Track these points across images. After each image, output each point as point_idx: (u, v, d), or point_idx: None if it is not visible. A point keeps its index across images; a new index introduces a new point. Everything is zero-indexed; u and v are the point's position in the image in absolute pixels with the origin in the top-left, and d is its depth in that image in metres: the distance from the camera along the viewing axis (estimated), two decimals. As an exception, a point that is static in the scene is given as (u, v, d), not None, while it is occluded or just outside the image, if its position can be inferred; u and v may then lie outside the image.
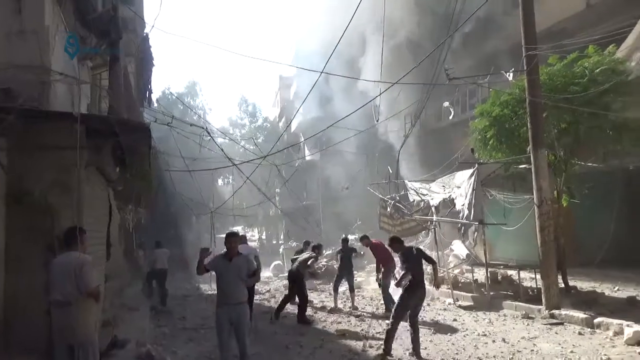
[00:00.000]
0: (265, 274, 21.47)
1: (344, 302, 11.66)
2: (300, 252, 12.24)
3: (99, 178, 7.34)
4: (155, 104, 20.94)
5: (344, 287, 11.62)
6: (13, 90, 5.57)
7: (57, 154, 5.50)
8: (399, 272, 7.02)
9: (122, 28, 8.62)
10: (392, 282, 8.96)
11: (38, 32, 5.88)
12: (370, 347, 7.45)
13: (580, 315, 8.13)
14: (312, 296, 12.20)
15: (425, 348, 7.17)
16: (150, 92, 19.86)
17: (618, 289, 10.62)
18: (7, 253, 5.29)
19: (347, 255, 11.43)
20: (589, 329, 7.72)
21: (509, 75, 10.93)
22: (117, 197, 11.12)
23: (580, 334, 7.55)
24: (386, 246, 8.75)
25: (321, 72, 10.85)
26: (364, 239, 11.44)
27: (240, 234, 7.41)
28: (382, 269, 10.31)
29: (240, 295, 5.81)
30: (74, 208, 5.53)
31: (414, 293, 6.63)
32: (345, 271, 11.31)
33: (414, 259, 6.75)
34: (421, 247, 9.96)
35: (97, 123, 6.08)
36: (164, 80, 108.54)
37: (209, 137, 13.20)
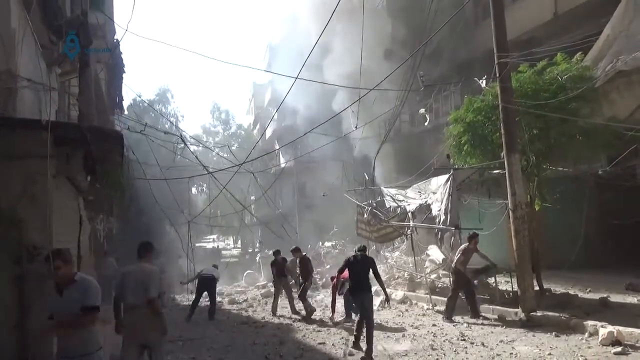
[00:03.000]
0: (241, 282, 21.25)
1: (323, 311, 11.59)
2: (276, 262, 12.05)
3: (68, 187, 7.09)
4: (126, 112, 20.55)
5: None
6: (-23, 96, 5.34)
7: (25, 163, 5.27)
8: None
9: (92, 33, 8.39)
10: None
11: (3, 37, 5.65)
12: (351, 354, 7.39)
13: (556, 317, 8.26)
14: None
15: (406, 354, 7.16)
16: (121, 99, 19.46)
17: (590, 291, 10.88)
18: (-29, 267, 5.03)
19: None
20: (565, 331, 7.84)
21: (481, 82, 11.16)
22: (88, 206, 10.79)
23: (556, 336, 7.66)
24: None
25: (296, 78, 10.79)
26: (295, 252, 11.87)
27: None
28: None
29: (86, 343, 4.10)
30: (43, 219, 5.31)
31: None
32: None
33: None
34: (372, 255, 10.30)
35: (67, 131, 5.87)
36: (136, 87, 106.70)
37: (183, 145, 12.98)
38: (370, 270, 7.56)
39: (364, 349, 7.12)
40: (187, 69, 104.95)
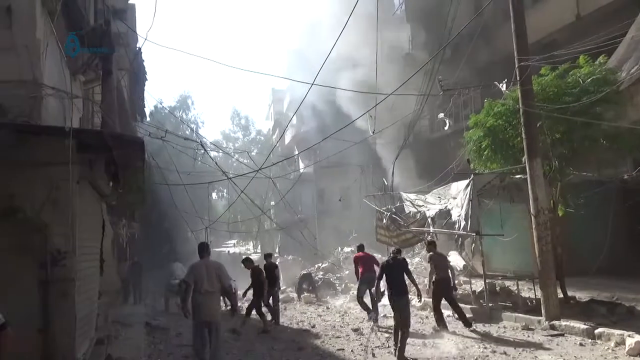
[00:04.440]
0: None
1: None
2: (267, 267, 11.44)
3: (91, 193, 7.24)
4: (148, 118, 20.93)
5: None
6: (3, 105, 5.50)
7: (49, 169, 5.41)
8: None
9: (114, 42, 8.58)
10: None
11: (29, 47, 5.81)
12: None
13: (581, 325, 8.06)
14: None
15: (426, 362, 7.09)
16: (143, 106, 19.79)
17: (616, 299, 10.57)
18: (-2, 271, 5.16)
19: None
20: (590, 340, 7.64)
21: (502, 86, 11.02)
22: (111, 211, 11.01)
23: (581, 345, 7.47)
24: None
25: (312, 84, 10.82)
26: (246, 262, 11.32)
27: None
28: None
29: None
30: (66, 224, 5.42)
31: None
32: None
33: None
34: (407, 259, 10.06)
35: (90, 137, 6.01)
36: (157, 94, 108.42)
37: (203, 151, 13.13)
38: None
39: (397, 346, 7.17)
40: (208, 75, 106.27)
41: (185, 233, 27.53)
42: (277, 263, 12.27)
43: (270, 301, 11.13)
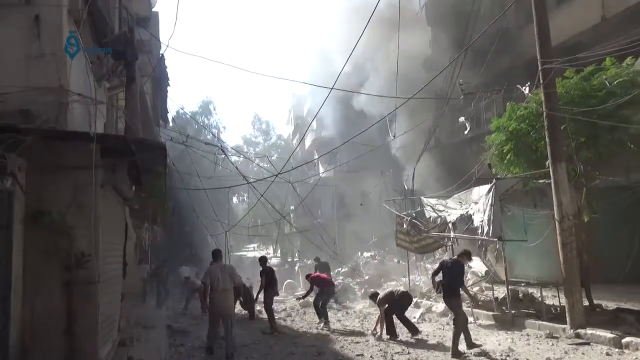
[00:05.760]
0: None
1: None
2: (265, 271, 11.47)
3: (115, 197, 7.37)
4: (171, 123, 21.26)
5: None
6: (32, 111, 5.65)
7: (74, 173, 5.55)
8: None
9: (138, 49, 8.75)
10: None
11: (56, 55, 5.97)
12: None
13: (608, 334, 7.83)
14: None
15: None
16: (166, 112, 20.10)
17: (645, 307, 10.26)
18: (25, 273, 5.29)
19: None
20: (617, 350, 7.42)
21: (524, 89, 10.84)
22: (133, 215, 11.19)
23: (608, 354, 7.26)
24: None
25: (331, 89, 10.84)
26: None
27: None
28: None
29: None
30: (90, 227, 5.53)
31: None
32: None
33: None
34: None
35: (113, 142, 6.13)
36: (179, 99, 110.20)
37: (224, 156, 13.25)
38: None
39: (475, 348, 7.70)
40: (230, 81, 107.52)
41: (205, 237, 27.77)
42: (274, 268, 12.44)
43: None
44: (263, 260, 11.77)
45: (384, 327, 9.47)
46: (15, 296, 5.09)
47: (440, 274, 8.31)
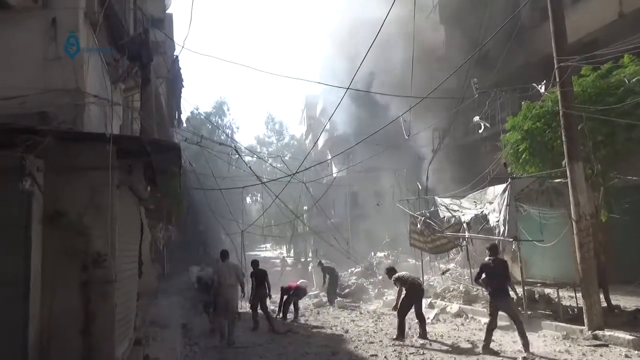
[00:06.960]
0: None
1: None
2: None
3: (131, 197, 7.45)
4: (185, 124, 21.44)
5: None
6: (49, 113, 5.73)
7: (91, 174, 5.61)
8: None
9: (152, 51, 8.84)
10: None
11: (74, 57, 6.05)
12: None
13: (627, 336, 7.70)
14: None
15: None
16: (180, 113, 20.25)
17: (665, 309, 10.06)
18: (43, 273, 5.37)
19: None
20: (637, 352, 7.29)
21: (540, 87, 10.70)
22: (149, 215, 11.30)
23: (627, 356, 7.14)
24: None
25: (347, 89, 10.85)
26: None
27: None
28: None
29: None
30: (106, 227, 5.60)
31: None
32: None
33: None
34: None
35: (129, 143, 6.19)
36: (194, 100, 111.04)
37: (238, 156, 13.32)
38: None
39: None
40: (243, 82, 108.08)
41: (219, 236, 27.90)
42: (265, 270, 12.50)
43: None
44: (255, 263, 12.15)
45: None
46: (34, 296, 5.17)
47: (484, 276, 8.15)
